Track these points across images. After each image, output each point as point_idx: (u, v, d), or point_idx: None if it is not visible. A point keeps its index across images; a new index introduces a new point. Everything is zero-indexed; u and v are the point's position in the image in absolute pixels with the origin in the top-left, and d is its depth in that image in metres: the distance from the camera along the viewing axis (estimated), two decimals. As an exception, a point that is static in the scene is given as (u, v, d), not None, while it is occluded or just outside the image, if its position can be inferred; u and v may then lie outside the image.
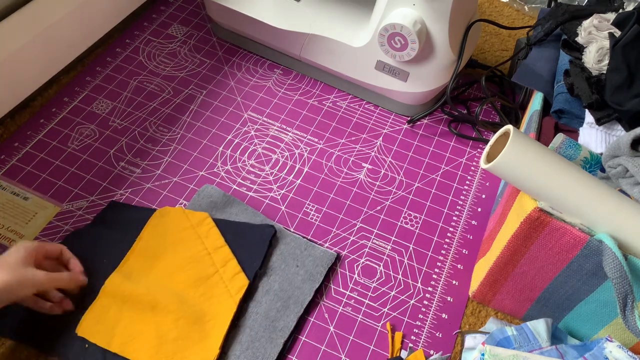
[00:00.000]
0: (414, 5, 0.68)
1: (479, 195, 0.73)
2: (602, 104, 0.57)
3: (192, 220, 0.64)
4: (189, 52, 0.86)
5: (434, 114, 0.81)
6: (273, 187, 0.71)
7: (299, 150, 0.75)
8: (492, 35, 0.93)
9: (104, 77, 0.81)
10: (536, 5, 0.96)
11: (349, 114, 0.80)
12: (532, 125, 0.59)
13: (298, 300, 0.60)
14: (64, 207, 0.67)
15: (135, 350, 0.54)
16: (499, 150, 0.47)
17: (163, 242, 0.62)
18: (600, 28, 0.60)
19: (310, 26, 0.77)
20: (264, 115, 0.79)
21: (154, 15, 0.91)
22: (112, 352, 0.54)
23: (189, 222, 0.64)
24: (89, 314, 0.56)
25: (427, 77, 0.73)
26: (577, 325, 0.56)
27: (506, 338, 0.53)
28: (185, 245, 0.62)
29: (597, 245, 0.46)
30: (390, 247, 0.67)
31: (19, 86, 0.74)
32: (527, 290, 0.56)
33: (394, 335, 0.59)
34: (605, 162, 0.53)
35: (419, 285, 0.64)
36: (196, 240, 0.62)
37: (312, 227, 0.68)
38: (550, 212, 0.47)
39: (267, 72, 0.85)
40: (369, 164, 0.74)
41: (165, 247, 0.62)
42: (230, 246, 0.62)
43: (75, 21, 0.78)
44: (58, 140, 0.73)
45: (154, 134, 0.75)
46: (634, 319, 0.43)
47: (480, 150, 0.78)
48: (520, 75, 0.67)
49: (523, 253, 0.52)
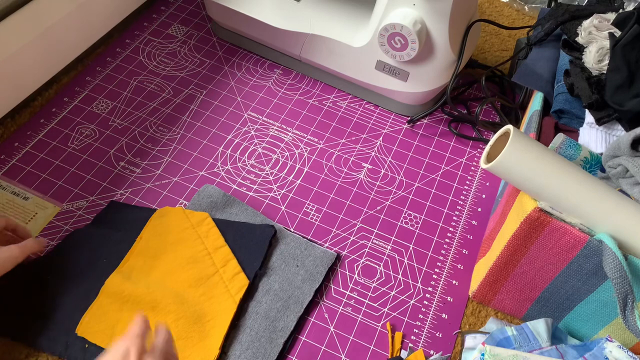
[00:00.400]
0: (414, 5, 0.68)
1: (479, 195, 0.73)
2: (602, 104, 0.57)
3: (192, 220, 0.64)
4: (189, 52, 0.86)
5: (434, 114, 0.81)
6: (273, 187, 0.71)
7: (299, 150, 0.75)
8: (492, 35, 0.93)
9: (104, 77, 0.81)
10: (536, 5, 0.96)
11: (349, 114, 0.80)
12: (532, 125, 0.59)
13: (298, 300, 0.60)
14: (64, 207, 0.67)
15: None
16: (499, 150, 0.47)
17: (163, 242, 0.62)
18: (600, 28, 0.60)
19: (310, 26, 0.77)
20: (264, 115, 0.79)
21: (154, 15, 0.91)
22: None
23: (189, 222, 0.64)
24: (89, 314, 0.56)
25: (427, 77, 0.74)
26: (577, 325, 0.56)
27: (506, 338, 0.53)
28: (185, 245, 0.62)
29: (597, 245, 0.46)
30: (390, 247, 0.67)
31: (19, 86, 0.74)
32: (527, 290, 0.56)
33: (394, 335, 0.59)
34: (605, 162, 0.53)
35: (419, 285, 0.64)
36: (196, 240, 0.62)
37: (312, 227, 0.68)
38: (550, 212, 0.47)
39: (267, 72, 0.85)
40: (369, 164, 0.74)
41: (166, 247, 0.62)
42: (230, 246, 0.62)
43: (75, 21, 0.78)
44: (58, 140, 0.73)
45: (154, 134, 0.75)
46: (634, 319, 0.43)
47: (480, 150, 0.78)
48: (520, 75, 0.67)
49: (523, 253, 0.52)
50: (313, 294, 0.60)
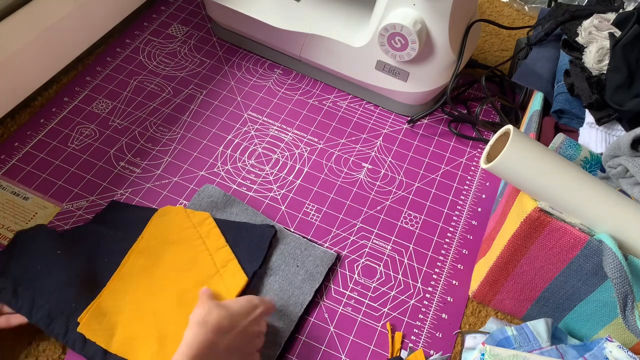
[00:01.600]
0: (414, 5, 0.68)
1: (479, 195, 0.73)
2: (602, 104, 0.57)
3: (193, 220, 0.64)
4: (189, 52, 0.86)
5: (434, 114, 0.81)
6: (273, 187, 0.71)
7: (299, 150, 0.75)
8: (492, 35, 0.93)
9: (104, 77, 0.81)
10: (536, 5, 0.96)
11: (349, 114, 0.80)
12: (532, 125, 0.59)
13: (298, 300, 0.60)
14: (64, 207, 0.67)
15: (135, 350, 0.54)
16: (499, 150, 0.47)
17: (164, 242, 0.62)
18: (600, 28, 0.60)
19: (310, 26, 0.77)
20: (264, 115, 0.79)
21: (154, 15, 0.91)
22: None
23: (190, 222, 0.64)
24: (89, 313, 0.56)
25: (427, 77, 0.73)
26: (577, 325, 0.56)
27: (506, 338, 0.53)
28: (186, 245, 0.62)
29: (597, 245, 0.46)
30: (390, 247, 0.67)
31: (19, 86, 0.74)
32: (527, 290, 0.56)
33: (394, 335, 0.59)
34: (605, 162, 0.53)
35: (419, 285, 0.64)
36: (197, 240, 0.62)
37: (312, 227, 0.68)
38: (550, 212, 0.47)
39: (267, 72, 0.85)
40: (369, 164, 0.74)
41: (167, 246, 0.62)
42: (230, 246, 0.62)
43: (75, 21, 0.78)
44: (58, 140, 0.73)
45: (154, 134, 0.75)
46: (634, 319, 0.43)
47: (480, 150, 0.78)
48: (520, 75, 0.67)
49: (523, 253, 0.52)
50: (313, 294, 0.60)
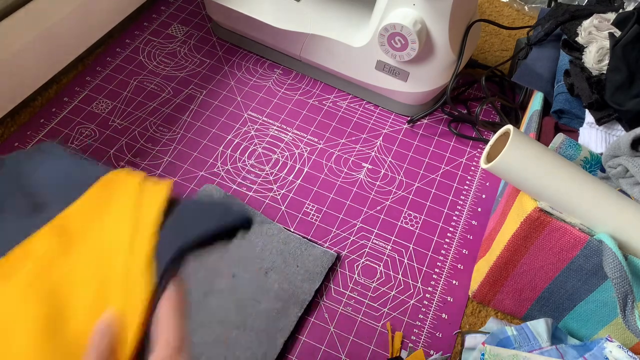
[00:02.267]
0: (414, 5, 0.68)
1: (479, 195, 0.73)
2: (602, 104, 0.57)
3: (144, 197, 0.40)
4: (189, 52, 0.86)
5: (434, 114, 0.81)
6: (273, 187, 0.71)
7: (299, 150, 0.75)
8: (492, 35, 0.93)
9: (104, 77, 0.81)
10: (536, 5, 0.96)
11: (349, 114, 0.80)
12: (532, 125, 0.59)
13: (298, 300, 0.60)
14: (64, 207, 0.67)
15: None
16: (499, 150, 0.47)
17: (92, 221, 0.38)
18: (600, 28, 0.60)
19: (310, 26, 0.77)
20: (264, 115, 0.79)
21: (154, 15, 0.91)
22: None
23: (136, 200, 0.40)
24: None
25: (427, 77, 0.73)
26: (577, 325, 0.56)
27: (506, 338, 0.53)
28: (111, 230, 0.37)
29: (597, 245, 0.46)
30: (390, 247, 0.67)
31: (19, 86, 0.74)
32: (527, 290, 0.56)
33: (394, 335, 0.59)
34: (605, 162, 0.53)
35: (419, 285, 0.64)
36: (127, 223, 0.38)
37: (312, 227, 0.68)
38: (550, 212, 0.47)
39: (267, 72, 0.85)
40: (369, 164, 0.74)
41: (91, 228, 0.37)
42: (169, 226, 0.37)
43: (76, 21, 0.78)
44: (58, 140, 0.73)
45: (154, 134, 0.75)
46: (634, 319, 0.43)
47: (480, 150, 0.78)
48: (520, 75, 0.67)
49: (523, 253, 0.52)
50: (313, 294, 0.60)
